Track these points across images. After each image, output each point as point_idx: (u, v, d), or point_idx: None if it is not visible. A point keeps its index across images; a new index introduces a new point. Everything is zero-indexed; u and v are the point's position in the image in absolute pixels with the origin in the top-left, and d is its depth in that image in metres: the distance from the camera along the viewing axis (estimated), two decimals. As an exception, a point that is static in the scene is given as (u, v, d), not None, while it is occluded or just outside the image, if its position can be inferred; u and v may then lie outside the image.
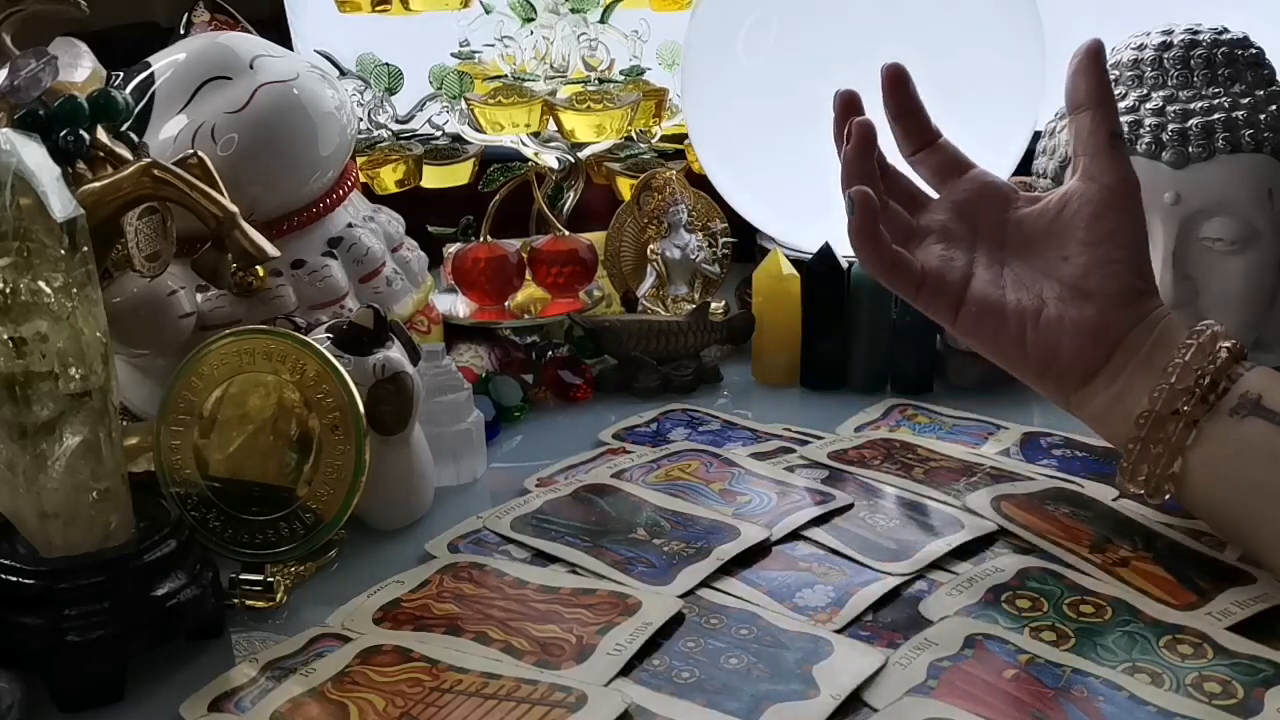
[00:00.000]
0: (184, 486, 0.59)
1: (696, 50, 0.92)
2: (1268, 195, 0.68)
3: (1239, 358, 0.55)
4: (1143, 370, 0.56)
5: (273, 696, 0.48)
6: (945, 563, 0.57)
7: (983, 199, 0.61)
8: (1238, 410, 0.53)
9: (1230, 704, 0.45)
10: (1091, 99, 0.58)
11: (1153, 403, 0.55)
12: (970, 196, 0.61)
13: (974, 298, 0.59)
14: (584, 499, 0.65)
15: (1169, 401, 0.54)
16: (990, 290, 0.59)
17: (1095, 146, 0.58)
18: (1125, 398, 0.56)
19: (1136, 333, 0.57)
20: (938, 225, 0.62)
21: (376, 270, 0.75)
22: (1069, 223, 0.58)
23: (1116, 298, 0.57)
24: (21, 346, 0.47)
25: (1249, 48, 0.72)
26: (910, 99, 0.62)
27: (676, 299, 0.94)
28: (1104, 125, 0.58)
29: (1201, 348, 0.55)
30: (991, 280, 0.59)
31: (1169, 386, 0.54)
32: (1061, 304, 0.58)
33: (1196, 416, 0.54)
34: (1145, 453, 0.55)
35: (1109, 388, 0.57)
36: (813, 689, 0.47)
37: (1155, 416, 0.54)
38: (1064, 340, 0.57)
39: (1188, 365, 0.54)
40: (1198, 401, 0.54)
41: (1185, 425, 0.54)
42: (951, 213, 0.62)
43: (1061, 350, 0.58)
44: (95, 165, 0.61)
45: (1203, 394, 0.54)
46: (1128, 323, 0.57)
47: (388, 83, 0.99)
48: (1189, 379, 0.54)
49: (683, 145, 1.03)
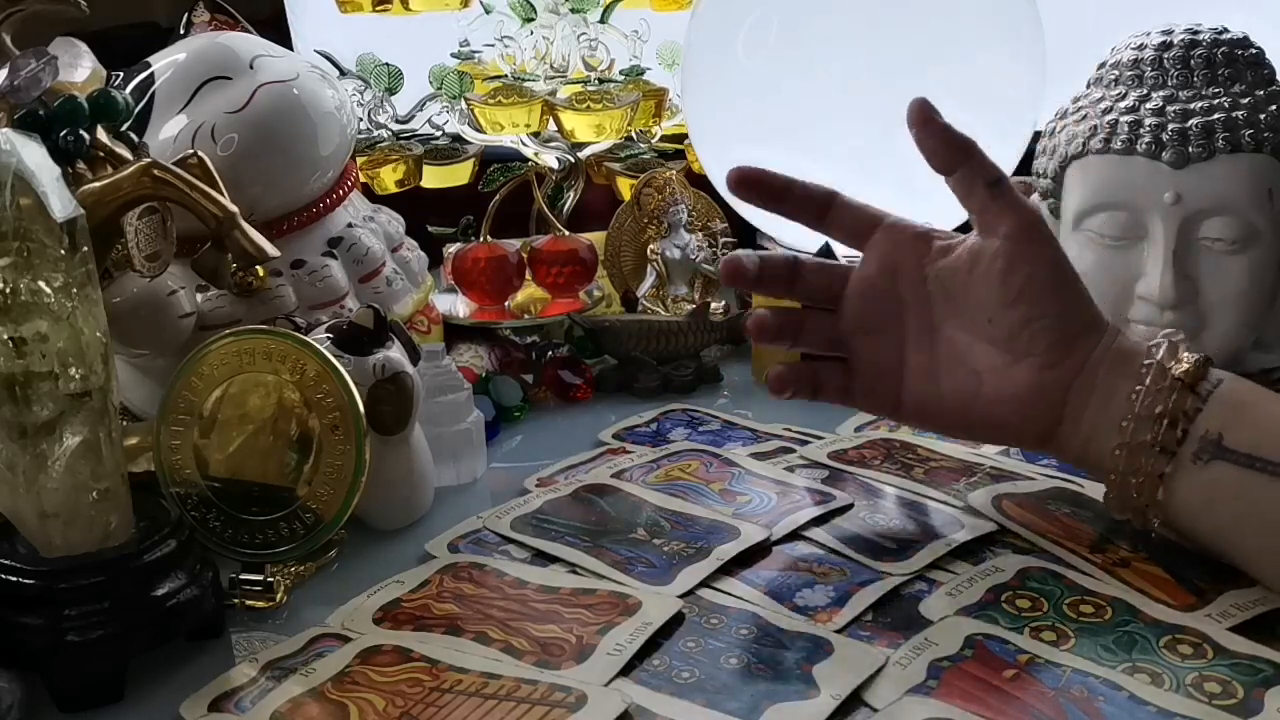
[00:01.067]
0: (184, 486, 0.59)
1: (696, 50, 0.92)
2: (1268, 195, 0.68)
3: (1196, 382, 0.52)
4: (1103, 416, 0.54)
5: (273, 696, 0.48)
6: (945, 563, 0.57)
7: (898, 255, 0.59)
8: (1200, 455, 0.51)
9: (1230, 704, 0.45)
10: (949, 162, 0.56)
11: (1115, 460, 0.53)
12: (885, 260, 0.59)
13: (910, 397, 0.59)
14: (584, 499, 0.65)
15: (1130, 460, 0.53)
16: (925, 386, 0.58)
17: (978, 203, 0.56)
18: (1093, 444, 0.55)
19: (1085, 374, 0.55)
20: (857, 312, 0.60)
21: (376, 270, 0.75)
22: (983, 280, 0.56)
23: (1046, 356, 0.55)
24: (21, 346, 0.47)
25: (1249, 48, 0.72)
26: (773, 186, 0.60)
27: (676, 299, 0.94)
28: (977, 180, 0.56)
29: (1150, 389, 0.53)
30: (925, 365, 0.58)
31: (1126, 444, 0.53)
32: (995, 376, 0.56)
33: (1160, 470, 0.52)
34: (1124, 502, 0.54)
35: (1076, 433, 0.56)
36: (813, 689, 0.47)
37: (1120, 473, 0.53)
38: (1007, 413, 0.56)
39: (1139, 416, 0.53)
40: (1159, 455, 0.52)
41: (1150, 481, 0.53)
42: (869, 290, 0.59)
43: (1009, 422, 0.57)
44: (95, 165, 0.61)
45: (1161, 446, 0.52)
46: (1066, 377, 0.55)
47: (388, 83, 0.99)
48: (1145, 432, 0.52)
49: (683, 145, 1.03)
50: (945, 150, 0.56)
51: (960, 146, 0.56)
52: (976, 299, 0.56)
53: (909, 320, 0.59)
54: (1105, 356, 0.55)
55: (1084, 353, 0.55)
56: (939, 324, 0.58)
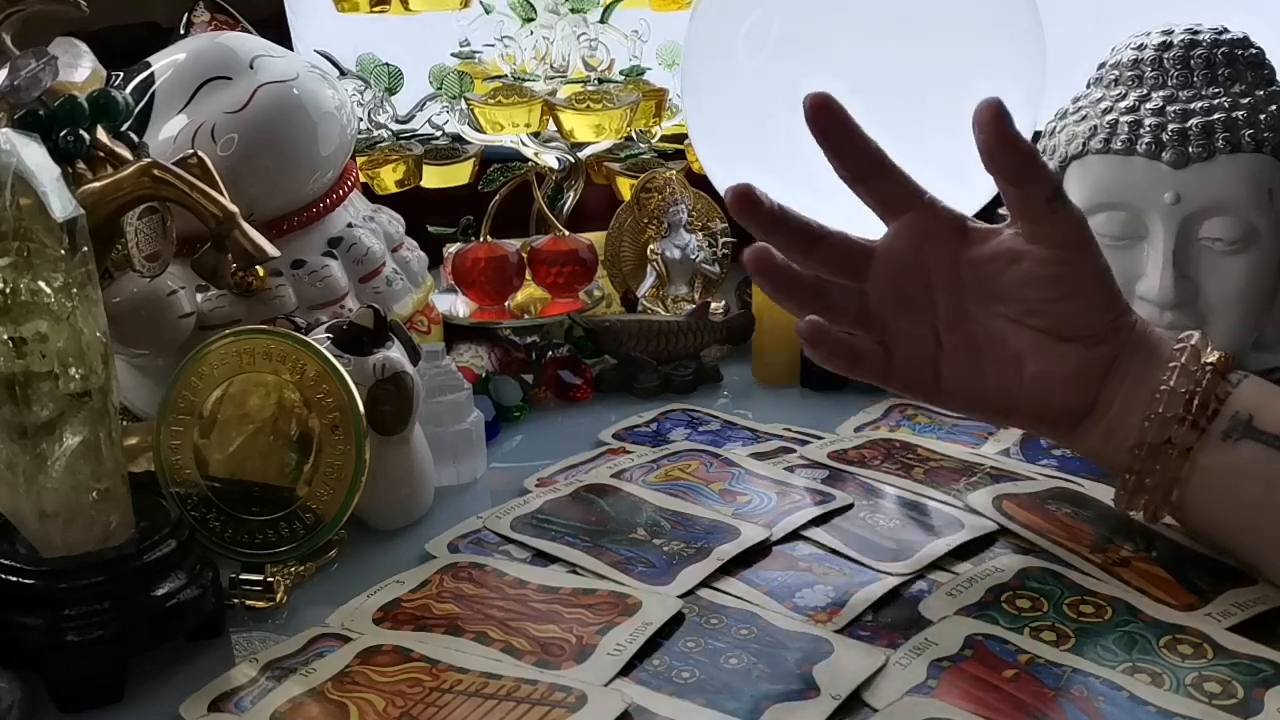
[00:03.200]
0: (184, 486, 0.59)
1: (696, 50, 0.92)
2: (1268, 195, 0.68)
3: (1225, 371, 0.53)
4: (1131, 398, 0.54)
5: (273, 696, 0.48)
6: (945, 563, 0.57)
7: (931, 237, 0.56)
8: (1230, 434, 0.52)
9: (1230, 704, 0.45)
10: (1016, 172, 0.53)
11: (1143, 434, 0.53)
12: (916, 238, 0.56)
13: (950, 377, 0.57)
14: (584, 499, 0.65)
15: (1159, 431, 0.53)
16: (964, 365, 0.56)
17: (1036, 214, 0.54)
18: (1116, 431, 0.55)
19: (1124, 355, 0.55)
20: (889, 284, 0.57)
21: (376, 270, 0.75)
22: (1027, 280, 0.55)
23: (1095, 337, 0.55)
24: (21, 346, 0.47)
25: (1249, 48, 0.72)
26: (841, 122, 0.55)
27: (676, 299, 0.94)
28: (1039, 193, 0.53)
29: (1185, 369, 0.53)
30: (962, 345, 0.57)
31: (1158, 416, 0.53)
32: (1039, 355, 0.55)
33: (1189, 444, 0.52)
34: (1141, 484, 0.54)
35: (1101, 422, 0.56)
36: (813, 689, 0.47)
37: (1148, 448, 0.53)
38: (1053, 389, 0.56)
39: (1174, 391, 0.53)
40: (1189, 428, 0.52)
41: (1179, 455, 0.53)
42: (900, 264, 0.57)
43: (1054, 399, 0.56)
44: (95, 165, 0.61)
45: (1193, 420, 0.52)
46: (1110, 354, 0.55)
47: (388, 83, 0.99)
48: (1177, 405, 0.53)
49: (683, 145, 1.03)
50: (1014, 160, 0.53)
51: (1027, 156, 0.53)
52: (1017, 294, 0.55)
53: (939, 302, 0.57)
54: (1139, 341, 0.55)
55: (1125, 326, 0.55)
56: (973, 310, 0.56)
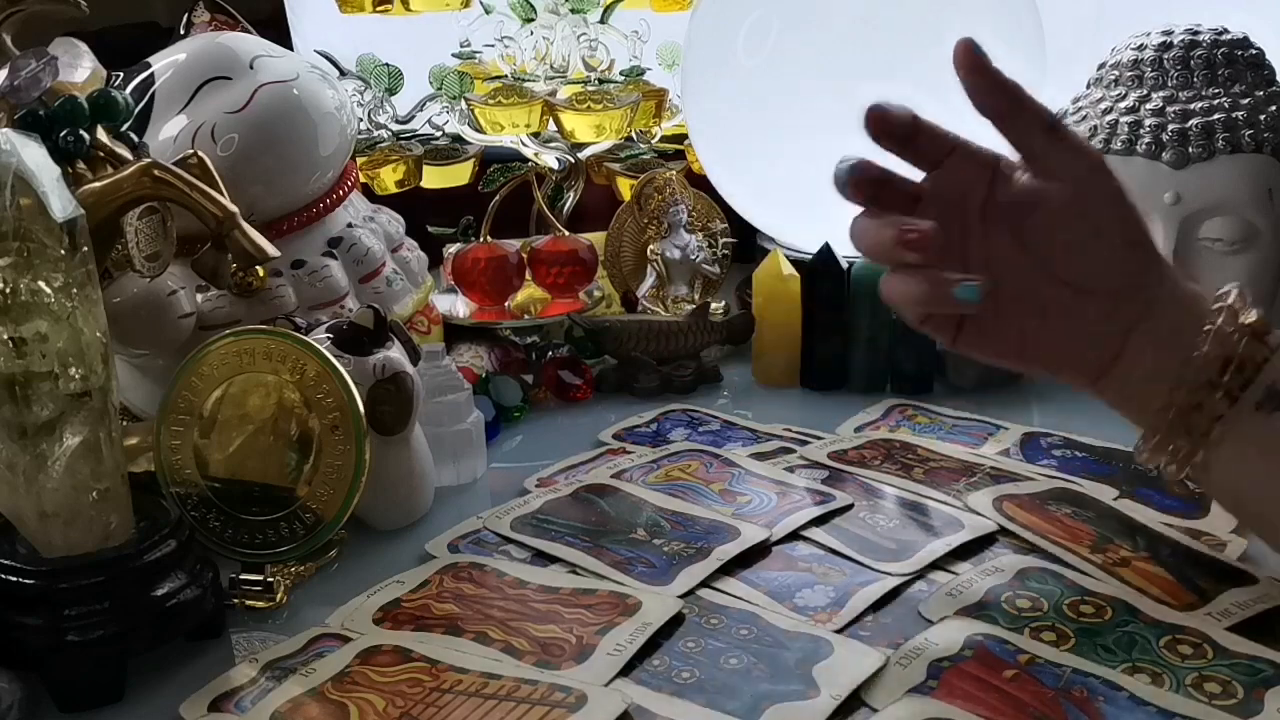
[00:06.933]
0: (184, 486, 0.59)
1: (696, 50, 0.92)
2: (1268, 195, 0.68)
3: (1262, 334, 0.51)
4: (1164, 354, 0.52)
5: (273, 696, 0.48)
6: (945, 563, 0.57)
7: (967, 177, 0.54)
8: (1265, 404, 0.50)
9: (1230, 704, 0.45)
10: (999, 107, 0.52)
11: (1174, 396, 0.51)
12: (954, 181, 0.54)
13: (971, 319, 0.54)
14: (584, 499, 0.65)
15: (1191, 395, 0.51)
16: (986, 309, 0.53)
17: (1037, 148, 0.52)
18: (1143, 391, 0.53)
19: (1153, 312, 0.52)
20: None
21: (376, 270, 0.75)
22: (1050, 223, 0.52)
23: (1120, 292, 0.52)
24: (21, 346, 0.47)
25: (1249, 48, 0.72)
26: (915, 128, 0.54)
27: (676, 299, 0.94)
28: (1032, 125, 0.52)
29: (1221, 331, 0.51)
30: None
31: (1190, 380, 0.51)
32: (1063, 307, 0.53)
33: (1220, 412, 0.50)
34: (1164, 445, 0.52)
35: (1131, 373, 0.53)
36: (813, 689, 0.47)
37: (1177, 409, 0.51)
38: (1072, 342, 0.54)
39: (1208, 356, 0.50)
40: (1222, 396, 0.50)
41: (1209, 420, 0.51)
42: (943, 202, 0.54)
43: (1071, 351, 0.54)
44: (95, 165, 0.61)
45: (1226, 388, 0.50)
46: (1137, 311, 0.52)
47: (388, 83, 0.99)
48: (1211, 370, 0.50)
49: (683, 145, 1.03)
50: (995, 94, 0.52)
51: (1010, 90, 0.52)
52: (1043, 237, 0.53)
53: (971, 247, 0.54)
54: (1172, 293, 0.53)
55: (1155, 279, 0.53)
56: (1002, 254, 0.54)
